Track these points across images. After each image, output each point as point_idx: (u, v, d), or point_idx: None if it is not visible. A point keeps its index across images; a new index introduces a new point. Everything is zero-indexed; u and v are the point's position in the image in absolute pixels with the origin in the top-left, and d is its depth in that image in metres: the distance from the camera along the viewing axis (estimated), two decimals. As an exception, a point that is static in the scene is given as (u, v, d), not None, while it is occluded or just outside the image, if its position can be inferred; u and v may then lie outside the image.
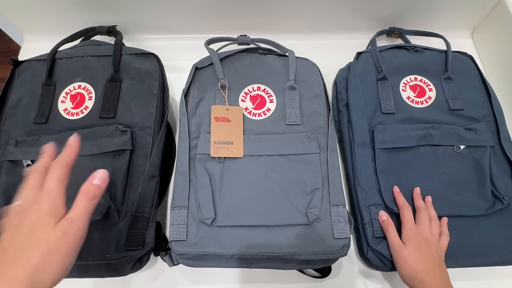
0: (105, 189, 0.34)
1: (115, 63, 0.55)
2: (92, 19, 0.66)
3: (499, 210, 0.51)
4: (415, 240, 0.46)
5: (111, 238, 0.46)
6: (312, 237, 0.47)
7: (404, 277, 0.46)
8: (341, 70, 0.65)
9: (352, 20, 0.71)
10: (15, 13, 0.67)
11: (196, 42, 0.60)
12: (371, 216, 0.50)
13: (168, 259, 0.49)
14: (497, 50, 0.70)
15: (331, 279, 0.53)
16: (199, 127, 0.52)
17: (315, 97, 0.55)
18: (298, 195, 0.48)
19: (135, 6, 0.66)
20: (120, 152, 0.49)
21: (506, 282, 0.54)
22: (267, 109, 0.54)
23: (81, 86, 0.55)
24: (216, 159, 0.50)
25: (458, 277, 0.47)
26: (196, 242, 0.46)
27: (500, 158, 0.55)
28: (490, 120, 0.57)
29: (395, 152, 0.54)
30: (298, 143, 0.51)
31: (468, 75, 0.61)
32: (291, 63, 0.56)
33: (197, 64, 0.56)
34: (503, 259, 0.49)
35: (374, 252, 0.49)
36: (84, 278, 0.48)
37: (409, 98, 0.58)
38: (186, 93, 0.55)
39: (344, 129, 0.58)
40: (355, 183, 0.53)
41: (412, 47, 0.62)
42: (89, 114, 0.53)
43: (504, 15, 0.67)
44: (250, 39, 0.57)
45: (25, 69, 0.57)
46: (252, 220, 0.47)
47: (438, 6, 0.69)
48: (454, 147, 0.54)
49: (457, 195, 0.51)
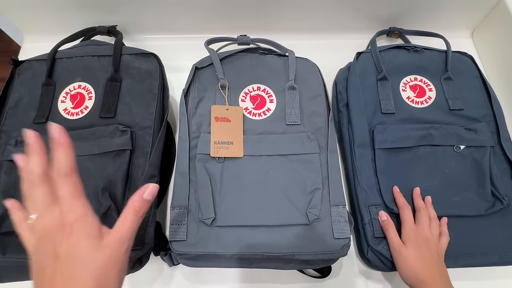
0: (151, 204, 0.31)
1: (115, 63, 0.55)
2: (92, 19, 0.66)
3: (499, 210, 0.51)
4: (415, 240, 0.46)
5: (111, 238, 0.46)
6: (312, 237, 0.47)
7: (404, 277, 0.46)
8: (341, 70, 0.65)
9: (352, 20, 0.71)
10: (15, 13, 0.67)
11: (196, 42, 0.60)
12: (371, 216, 0.50)
13: (168, 259, 0.49)
14: (497, 50, 0.70)
15: (331, 279, 0.53)
16: (199, 127, 0.52)
17: (315, 97, 0.55)
18: (298, 195, 0.48)
19: (135, 6, 0.66)
20: (120, 152, 0.49)
21: (506, 282, 0.54)
22: (267, 109, 0.54)
23: (81, 86, 0.55)
24: (216, 159, 0.50)
25: (458, 277, 0.47)
26: (196, 242, 0.46)
27: (500, 158, 0.55)
28: (490, 120, 0.57)
29: (395, 152, 0.53)
30: (298, 143, 0.51)
31: (468, 75, 0.61)
32: (291, 63, 0.56)
33: (197, 64, 0.56)
34: (503, 259, 0.49)
35: (374, 252, 0.49)
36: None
37: (409, 98, 0.58)
38: (186, 93, 0.55)
39: (344, 129, 0.58)
40: (355, 183, 0.53)
41: (412, 47, 0.62)
42: (89, 114, 0.53)
43: (504, 15, 0.67)
44: (250, 39, 0.57)
45: (25, 69, 0.57)
46: (252, 220, 0.47)
47: (439, 6, 0.69)
48: (454, 147, 0.54)
49: (457, 195, 0.51)
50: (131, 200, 0.30)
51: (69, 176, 0.30)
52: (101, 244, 0.27)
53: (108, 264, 0.27)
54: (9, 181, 0.49)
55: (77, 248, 0.27)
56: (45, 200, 0.28)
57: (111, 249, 0.27)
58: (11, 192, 0.48)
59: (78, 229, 0.27)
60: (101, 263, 0.27)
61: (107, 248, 0.27)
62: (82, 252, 0.27)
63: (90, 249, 0.27)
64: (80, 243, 0.27)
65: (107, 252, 0.27)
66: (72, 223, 0.27)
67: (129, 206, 0.30)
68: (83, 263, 0.26)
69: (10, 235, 0.46)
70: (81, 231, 0.27)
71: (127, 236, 0.29)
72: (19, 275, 0.48)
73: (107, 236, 0.28)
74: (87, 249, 0.27)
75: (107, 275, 0.27)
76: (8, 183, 0.48)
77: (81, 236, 0.27)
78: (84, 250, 0.27)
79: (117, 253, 0.28)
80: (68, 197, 0.28)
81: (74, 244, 0.27)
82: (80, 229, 0.27)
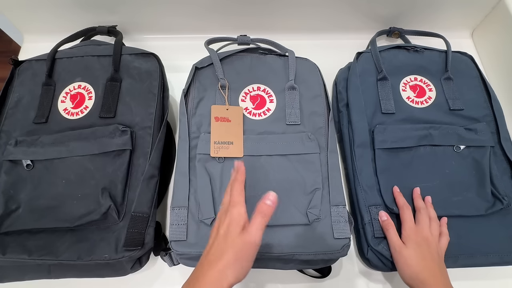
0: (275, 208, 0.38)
1: (115, 63, 0.55)
2: (92, 19, 0.66)
3: (499, 210, 0.51)
4: (415, 240, 0.46)
5: (110, 238, 0.46)
6: (312, 237, 0.47)
7: (404, 277, 0.46)
8: (341, 70, 0.65)
9: (352, 20, 0.71)
10: (15, 13, 0.67)
11: (196, 42, 0.60)
12: (371, 216, 0.50)
13: (168, 259, 0.49)
14: (497, 50, 0.70)
15: (331, 279, 0.53)
16: (199, 127, 0.52)
17: (315, 97, 0.55)
18: (298, 195, 0.48)
19: (135, 6, 0.66)
20: (120, 152, 0.49)
21: (506, 282, 0.54)
22: (267, 109, 0.54)
23: (81, 86, 0.55)
24: (216, 159, 0.50)
25: (458, 277, 0.47)
26: (196, 242, 0.46)
27: (500, 158, 0.55)
28: (490, 120, 0.57)
29: (395, 152, 0.53)
30: (298, 143, 0.51)
31: (468, 75, 0.61)
32: (291, 63, 0.56)
33: (197, 64, 0.56)
34: (503, 259, 0.49)
35: (374, 252, 0.49)
36: (84, 278, 0.48)
37: (409, 98, 0.58)
38: (186, 93, 0.55)
39: (344, 129, 0.58)
40: (355, 183, 0.53)
41: (412, 47, 0.62)
42: (89, 114, 0.53)
43: (504, 15, 0.67)
44: (250, 39, 0.57)
45: (25, 69, 0.57)
46: (252, 220, 0.47)
47: (438, 6, 0.69)
48: (454, 147, 0.54)
49: (457, 195, 0.51)
50: (259, 204, 0.38)
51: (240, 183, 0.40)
52: (241, 234, 0.36)
53: (241, 249, 0.35)
54: (9, 181, 0.49)
55: (228, 231, 0.36)
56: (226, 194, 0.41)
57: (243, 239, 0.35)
58: (11, 192, 0.48)
59: (234, 217, 0.37)
60: (236, 247, 0.35)
61: (241, 238, 0.35)
62: (230, 235, 0.36)
63: (235, 233, 0.36)
64: (231, 227, 0.36)
65: (241, 241, 0.35)
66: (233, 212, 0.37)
67: (257, 210, 0.37)
68: (228, 244, 0.35)
69: (10, 235, 0.46)
70: (235, 220, 0.37)
71: (254, 232, 0.36)
72: (19, 275, 0.48)
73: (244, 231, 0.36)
74: (233, 233, 0.36)
75: (237, 257, 0.35)
76: (8, 183, 0.48)
77: (234, 223, 0.36)
78: (232, 234, 0.36)
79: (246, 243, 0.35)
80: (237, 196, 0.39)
81: (228, 227, 0.36)
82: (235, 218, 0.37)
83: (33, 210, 0.47)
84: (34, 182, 0.48)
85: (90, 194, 0.47)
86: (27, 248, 0.45)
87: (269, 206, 0.38)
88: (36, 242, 0.46)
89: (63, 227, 0.46)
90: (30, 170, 0.49)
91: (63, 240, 0.46)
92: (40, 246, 0.45)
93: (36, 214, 0.47)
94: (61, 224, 0.46)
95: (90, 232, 0.46)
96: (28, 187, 0.48)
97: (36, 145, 0.50)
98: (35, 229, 0.46)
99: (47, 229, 0.46)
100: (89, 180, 0.48)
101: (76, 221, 0.46)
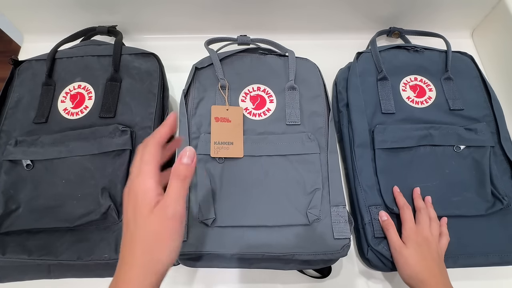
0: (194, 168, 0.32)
1: (115, 63, 0.55)
2: (92, 19, 0.66)
3: (499, 210, 0.51)
4: (415, 240, 0.46)
5: (110, 238, 0.46)
6: (312, 237, 0.47)
7: (404, 277, 0.46)
8: (341, 70, 0.65)
9: (352, 20, 0.71)
10: (15, 13, 0.67)
11: (196, 42, 0.60)
12: (371, 216, 0.50)
13: (167, 259, 0.49)
14: (497, 50, 0.70)
15: (331, 279, 0.53)
16: (199, 128, 0.52)
17: (315, 97, 0.55)
18: (298, 195, 0.48)
19: (135, 6, 0.66)
20: (120, 152, 0.49)
21: (506, 282, 0.54)
22: (267, 109, 0.54)
23: (81, 86, 0.55)
24: (216, 159, 0.50)
25: (458, 277, 0.47)
26: (196, 242, 0.46)
27: (500, 158, 0.55)
28: (490, 120, 0.57)
29: (395, 152, 0.53)
30: (298, 143, 0.51)
31: (468, 75, 0.61)
32: (291, 63, 0.56)
33: (197, 64, 0.56)
34: (503, 259, 0.49)
35: (374, 252, 0.49)
36: (84, 278, 0.48)
37: (409, 98, 0.58)
38: (186, 93, 0.55)
39: (344, 129, 0.58)
40: (355, 183, 0.53)
41: (412, 47, 0.62)
42: (89, 114, 0.53)
43: (504, 15, 0.67)
44: (250, 39, 0.57)
45: (25, 69, 0.57)
46: (252, 221, 0.47)
47: (438, 6, 0.69)
48: (454, 147, 0.54)
49: (457, 195, 0.51)
50: (173, 166, 0.31)
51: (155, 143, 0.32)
52: (152, 212, 0.29)
53: (158, 230, 0.29)
54: (9, 180, 0.49)
55: (136, 213, 0.30)
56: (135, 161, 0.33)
57: (158, 217, 0.29)
58: (11, 192, 0.48)
59: (139, 194, 0.30)
60: (151, 230, 0.29)
61: (155, 216, 0.29)
62: (139, 218, 0.30)
63: (145, 216, 0.29)
64: (138, 208, 0.30)
65: (155, 220, 0.29)
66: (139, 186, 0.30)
67: (172, 172, 0.31)
68: (139, 228, 0.30)
69: (10, 235, 0.46)
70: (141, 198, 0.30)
71: (170, 202, 0.30)
72: (19, 275, 0.48)
73: (157, 206, 0.30)
74: (141, 215, 0.30)
75: (158, 239, 0.29)
76: (7, 182, 0.48)
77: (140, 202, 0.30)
78: (140, 216, 0.30)
79: (164, 220, 0.29)
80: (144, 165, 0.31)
81: (135, 208, 0.30)
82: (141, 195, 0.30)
83: (33, 210, 0.47)
84: (34, 182, 0.48)
85: (90, 194, 0.47)
86: (27, 248, 0.45)
87: (187, 166, 0.31)
88: (36, 242, 0.46)
89: (63, 227, 0.46)
90: (30, 170, 0.49)
91: (63, 240, 0.46)
92: (40, 246, 0.45)
93: (36, 214, 0.47)
94: (61, 224, 0.46)
95: (90, 232, 0.47)
96: (28, 187, 0.48)
97: (36, 145, 0.50)
98: (35, 229, 0.46)
99: (47, 229, 0.46)
100: (89, 180, 0.48)
101: (76, 221, 0.46)
